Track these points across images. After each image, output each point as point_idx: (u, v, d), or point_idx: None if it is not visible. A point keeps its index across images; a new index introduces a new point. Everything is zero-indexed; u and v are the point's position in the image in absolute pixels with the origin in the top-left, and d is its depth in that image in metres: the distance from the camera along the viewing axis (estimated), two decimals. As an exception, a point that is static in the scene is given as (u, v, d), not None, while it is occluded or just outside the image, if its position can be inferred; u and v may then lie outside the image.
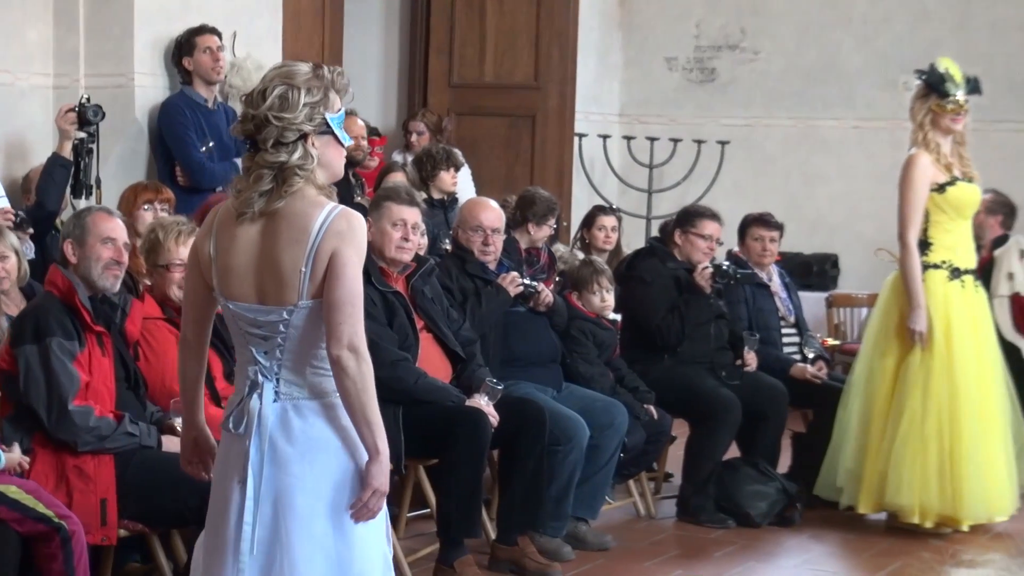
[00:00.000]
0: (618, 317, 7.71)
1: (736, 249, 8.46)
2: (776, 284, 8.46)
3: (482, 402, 6.44)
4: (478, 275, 7.17)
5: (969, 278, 7.66)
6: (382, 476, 3.84)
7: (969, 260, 7.71)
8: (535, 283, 7.33)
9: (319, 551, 3.83)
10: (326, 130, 3.83)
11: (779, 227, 8.42)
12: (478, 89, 11.27)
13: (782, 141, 11.64)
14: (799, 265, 10.82)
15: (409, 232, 6.54)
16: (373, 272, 6.40)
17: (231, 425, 3.91)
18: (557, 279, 8.00)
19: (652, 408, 7.54)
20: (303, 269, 3.78)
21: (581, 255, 8.49)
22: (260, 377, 3.88)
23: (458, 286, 7.14)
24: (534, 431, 6.58)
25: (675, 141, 11.59)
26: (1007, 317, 9.65)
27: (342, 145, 3.89)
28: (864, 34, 11.39)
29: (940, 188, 7.56)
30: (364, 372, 3.79)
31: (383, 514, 3.93)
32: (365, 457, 3.85)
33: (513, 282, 7.19)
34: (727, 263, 7.94)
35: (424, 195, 8.60)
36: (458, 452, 6.30)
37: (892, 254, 7.95)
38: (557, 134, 11.22)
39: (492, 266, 7.23)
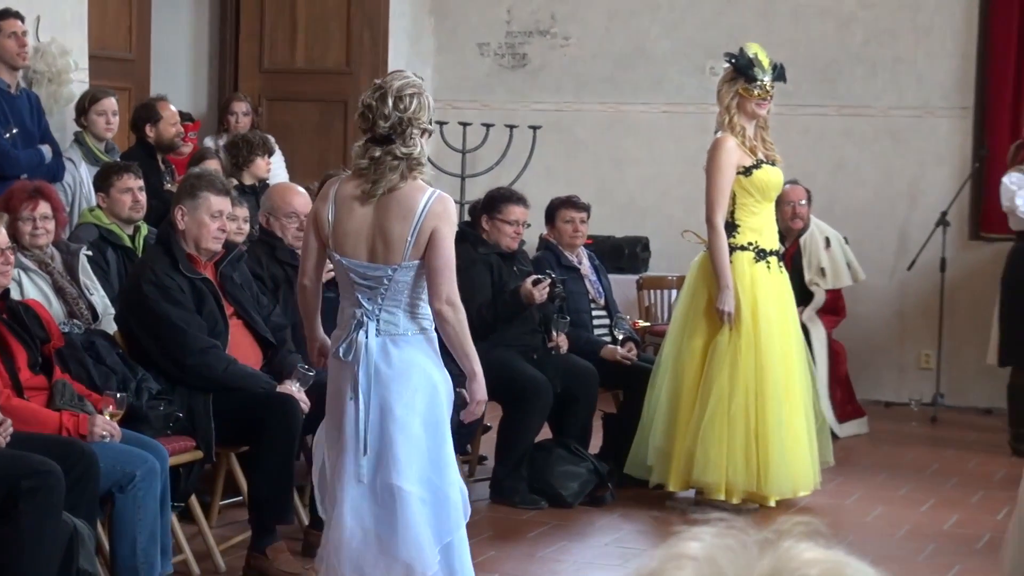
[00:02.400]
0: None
1: (545, 232, 8.55)
2: (586, 267, 8.57)
3: (293, 388, 6.43)
4: (288, 262, 7.15)
5: (774, 259, 7.82)
6: (482, 391, 5.26)
7: (773, 241, 7.87)
8: (347, 269, 7.32)
9: (415, 447, 5.04)
10: (431, 127, 5.06)
11: (587, 208, 8.52)
12: (289, 74, 11.22)
13: (593, 126, 11.77)
14: (611, 248, 10.95)
15: (224, 223, 6.53)
16: (181, 259, 6.36)
17: (341, 354, 5.07)
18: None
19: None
20: (408, 239, 4.95)
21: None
22: (364, 318, 5.04)
23: (268, 273, 7.12)
24: (345, 416, 6.58)
25: (487, 126, 11.66)
26: (820, 303, 9.89)
27: (430, 135, 5.08)
28: (671, 20, 11.56)
29: (746, 171, 7.70)
30: (460, 319, 5.06)
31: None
32: (445, 377, 5.18)
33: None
34: (552, 276, 7.89)
35: (235, 181, 8.56)
36: (269, 439, 6.28)
37: (698, 236, 8.09)
38: (370, 119, 11.21)
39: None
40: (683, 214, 9.79)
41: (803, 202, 9.84)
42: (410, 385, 5.06)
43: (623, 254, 11.12)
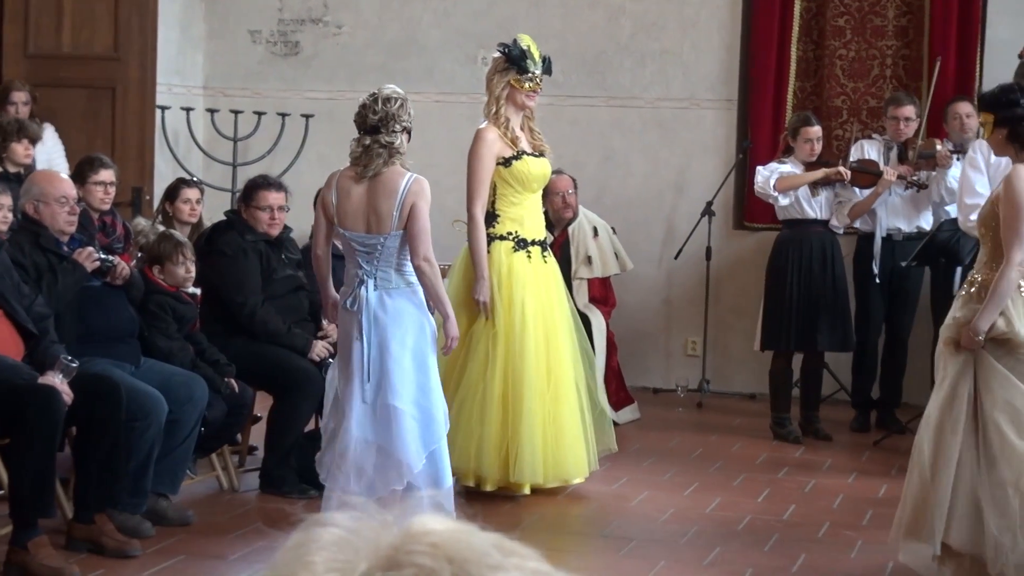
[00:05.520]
0: (198, 291, 7.68)
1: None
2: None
3: (56, 379, 6.32)
4: (52, 250, 7.03)
5: (536, 249, 7.90)
6: (455, 329, 6.77)
7: (537, 231, 7.97)
8: (111, 257, 7.23)
9: (406, 375, 6.44)
10: (410, 128, 6.56)
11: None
12: (55, 59, 10.97)
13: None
14: (383, 237, 10.94)
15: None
16: (-63, 248, 6.22)
17: (347, 305, 6.49)
18: (140, 255, 7.90)
19: (233, 381, 7.54)
20: (394, 213, 6.40)
21: (162, 228, 8.40)
22: (365, 276, 6.45)
23: (31, 261, 6.98)
24: (110, 407, 6.50)
25: (259, 114, 11.58)
26: (584, 293, 10.05)
27: (410, 136, 6.58)
28: (443, 9, 11.59)
29: (506, 162, 7.79)
30: (435, 272, 6.51)
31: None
32: (431, 322, 6.58)
33: (89, 257, 7.08)
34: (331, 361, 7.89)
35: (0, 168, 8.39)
36: (30, 431, 6.17)
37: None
38: (138, 106, 11.04)
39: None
40: (455, 204, 9.82)
41: (571, 191, 9.98)
42: (402, 327, 6.42)
43: (396, 243, 11.12)
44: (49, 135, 9.87)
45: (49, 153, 9.68)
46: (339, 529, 1.40)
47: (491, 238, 7.77)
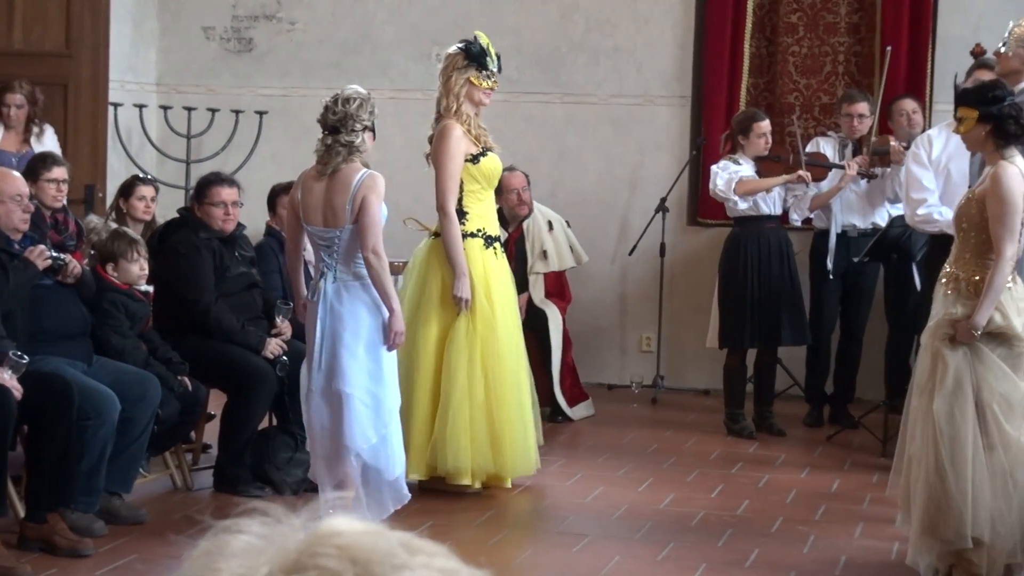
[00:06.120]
0: (150, 289, 7.65)
1: (269, 219, 8.51)
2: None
3: (5, 376, 6.29)
4: (3, 248, 6.98)
5: (497, 245, 7.94)
6: (399, 323, 6.76)
7: (496, 228, 7.99)
8: (63, 256, 7.19)
9: (359, 365, 6.68)
10: (372, 127, 6.82)
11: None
12: (6, 57, 10.88)
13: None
14: (338, 234, 10.92)
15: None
16: None
17: (310, 296, 6.82)
18: (92, 252, 7.86)
19: (186, 379, 7.51)
20: (347, 207, 6.63)
21: (115, 226, 8.36)
22: (325, 269, 6.74)
23: (-18, 259, 6.94)
24: (62, 406, 6.48)
25: (213, 111, 11.54)
26: (540, 288, 10.06)
27: (374, 135, 6.90)
28: (397, 5, 11.57)
29: (474, 159, 7.78)
30: (383, 265, 6.66)
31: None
32: (385, 314, 6.71)
33: (41, 255, 7.04)
34: (285, 362, 7.90)
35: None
36: (-19, 429, 6.15)
37: (420, 223, 8.16)
38: (91, 103, 10.96)
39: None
40: (409, 200, 9.84)
41: (525, 188, 9.98)
42: (356, 318, 6.69)
43: (350, 240, 11.09)
44: (48, 136, 9.83)
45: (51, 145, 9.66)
46: (248, 535, 1.40)
47: (463, 236, 7.75)
